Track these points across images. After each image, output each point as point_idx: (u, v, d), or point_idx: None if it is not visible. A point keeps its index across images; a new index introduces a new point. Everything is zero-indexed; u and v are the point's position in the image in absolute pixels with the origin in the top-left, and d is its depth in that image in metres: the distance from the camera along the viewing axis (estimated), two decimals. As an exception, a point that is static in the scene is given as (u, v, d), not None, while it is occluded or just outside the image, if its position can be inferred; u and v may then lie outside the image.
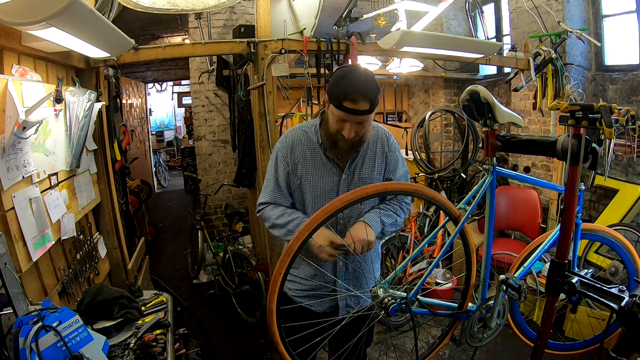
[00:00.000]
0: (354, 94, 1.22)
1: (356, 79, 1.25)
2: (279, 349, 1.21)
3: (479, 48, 2.71)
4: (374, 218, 1.36)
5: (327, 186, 1.41)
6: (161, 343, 1.55)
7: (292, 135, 1.44)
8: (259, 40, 2.35)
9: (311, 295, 1.47)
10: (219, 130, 4.49)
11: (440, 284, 2.93)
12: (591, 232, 1.74)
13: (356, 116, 1.25)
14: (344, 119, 1.27)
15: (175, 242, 5.08)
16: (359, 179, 1.42)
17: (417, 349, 1.43)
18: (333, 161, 1.41)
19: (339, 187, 1.41)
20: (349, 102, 1.23)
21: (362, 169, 1.43)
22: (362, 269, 1.48)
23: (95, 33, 1.52)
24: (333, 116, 1.30)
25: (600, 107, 1.09)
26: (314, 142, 1.41)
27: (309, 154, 1.41)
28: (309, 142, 1.42)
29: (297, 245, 1.12)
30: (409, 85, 5.22)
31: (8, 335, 1.13)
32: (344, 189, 1.40)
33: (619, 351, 2.01)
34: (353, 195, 1.17)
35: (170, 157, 10.71)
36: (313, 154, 1.41)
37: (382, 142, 1.47)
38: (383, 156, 1.46)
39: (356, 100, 1.23)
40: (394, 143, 1.50)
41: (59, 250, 1.71)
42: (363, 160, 1.43)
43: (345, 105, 1.23)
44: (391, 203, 1.45)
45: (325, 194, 1.40)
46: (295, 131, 1.46)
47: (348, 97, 1.22)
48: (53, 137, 1.67)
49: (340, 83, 1.25)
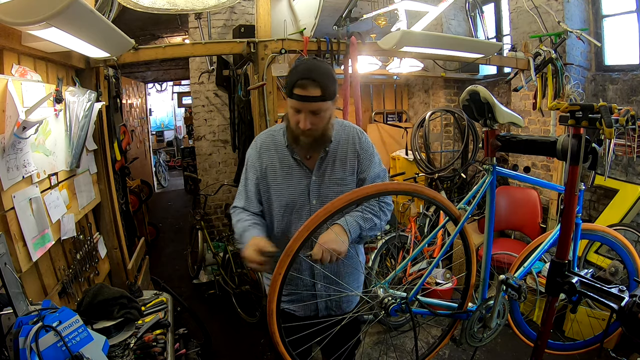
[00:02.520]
0: (302, 80, 1.22)
1: (306, 67, 1.25)
2: (279, 349, 1.21)
3: (479, 48, 2.71)
4: (351, 222, 1.29)
5: (296, 189, 1.37)
6: (161, 343, 1.55)
7: (261, 140, 1.43)
8: (259, 40, 2.35)
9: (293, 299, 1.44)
10: (219, 130, 4.49)
11: (440, 284, 2.93)
12: (591, 232, 1.74)
13: (307, 103, 1.23)
14: (298, 109, 1.25)
15: (175, 242, 5.07)
16: (329, 181, 1.37)
17: (417, 349, 1.43)
18: (301, 163, 1.37)
19: (309, 189, 1.37)
20: (298, 89, 1.22)
21: (334, 169, 1.38)
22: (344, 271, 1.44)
23: (95, 33, 1.52)
24: (289, 109, 1.29)
25: (600, 107, 1.09)
26: (281, 145, 1.39)
27: (276, 158, 1.38)
28: (277, 145, 1.40)
29: (297, 245, 1.12)
30: (409, 85, 5.22)
31: (8, 335, 1.13)
32: (314, 192, 1.37)
33: (619, 351, 2.01)
34: (353, 195, 1.16)
35: (170, 157, 10.71)
36: (281, 158, 1.38)
37: (354, 140, 1.41)
38: (355, 156, 1.40)
39: (305, 86, 1.21)
40: (366, 142, 1.44)
41: (59, 250, 1.71)
42: (334, 161, 1.38)
43: (295, 92, 1.23)
44: (371, 205, 1.38)
45: (296, 197, 1.37)
46: (264, 135, 1.44)
47: (297, 83, 1.22)
48: (53, 137, 1.67)
49: (292, 73, 1.27)
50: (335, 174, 1.38)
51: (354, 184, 1.40)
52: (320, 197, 1.36)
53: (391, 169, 4.74)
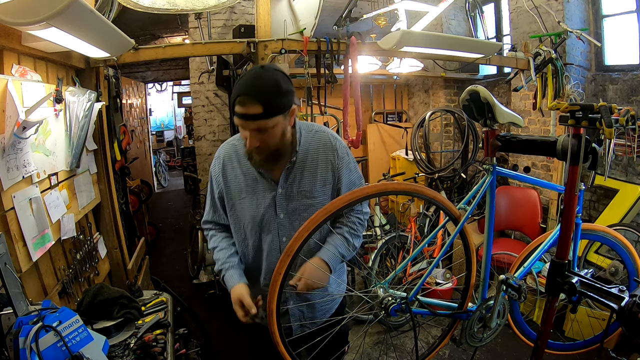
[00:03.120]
0: (241, 97, 1.09)
1: (246, 80, 1.11)
2: (279, 349, 1.21)
3: (479, 48, 2.72)
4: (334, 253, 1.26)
5: (262, 203, 1.27)
6: (161, 343, 1.55)
7: (223, 152, 1.34)
8: (259, 40, 2.35)
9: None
10: (219, 130, 4.49)
11: (440, 284, 2.93)
12: (591, 232, 1.74)
13: (249, 122, 1.11)
14: (242, 127, 1.14)
15: (175, 242, 5.07)
16: (298, 194, 1.27)
17: (417, 349, 1.43)
18: (265, 175, 1.27)
19: (275, 203, 1.27)
20: (238, 106, 1.10)
21: (302, 181, 1.27)
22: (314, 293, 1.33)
23: (95, 33, 1.52)
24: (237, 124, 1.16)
25: (600, 107, 1.09)
26: (244, 156, 1.28)
27: (239, 171, 1.30)
28: (239, 156, 1.30)
29: (296, 246, 1.12)
30: (409, 85, 5.22)
31: (8, 335, 1.13)
32: (281, 205, 1.27)
33: (619, 351, 2.01)
34: (353, 195, 1.17)
35: (170, 157, 10.71)
36: (244, 170, 1.29)
37: (326, 148, 1.29)
38: (328, 166, 1.28)
39: (244, 103, 1.09)
40: (341, 148, 1.31)
41: (59, 250, 1.71)
42: (302, 172, 1.27)
43: (235, 110, 1.11)
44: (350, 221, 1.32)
45: (262, 211, 1.28)
46: (226, 146, 1.35)
47: (237, 100, 1.10)
48: (53, 137, 1.67)
49: (235, 86, 1.13)
50: (303, 185, 1.27)
51: (325, 196, 1.29)
52: (287, 211, 1.27)
53: (391, 169, 4.74)
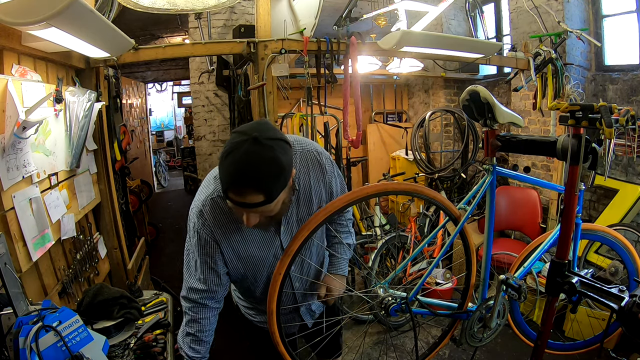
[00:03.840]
0: (236, 186, 0.93)
1: (238, 166, 0.92)
2: (279, 349, 1.21)
3: (479, 48, 2.72)
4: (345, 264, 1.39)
5: (268, 245, 1.19)
6: (161, 343, 1.55)
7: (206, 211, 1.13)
8: (259, 40, 2.35)
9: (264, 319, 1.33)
10: (219, 130, 4.49)
11: (440, 284, 2.93)
12: (591, 232, 1.74)
13: (248, 209, 0.98)
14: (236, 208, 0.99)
15: (175, 242, 5.07)
16: (298, 221, 1.20)
17: (417, 349, 1.43)
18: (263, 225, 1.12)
19: (281, 240, 1.20)
20: (233, 194, 0.95)
21: (299, 208, 1.20)
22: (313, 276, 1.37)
23: (95, 33, 1.52)
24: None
25: (600, 107, 1.09)
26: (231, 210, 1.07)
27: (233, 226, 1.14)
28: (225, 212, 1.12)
29: (296, 246, 1.12)
30: (409, 85, 5.22)
31: (8, 335, 1.13)
32: (286, 240, 1.20)
33: (619, 351, 2.01)
34: (353, 195, 1.17)
35: (170, 157, 10.71)
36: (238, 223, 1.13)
37: (315, 169, 1.21)
38: (320, 185, 1.22)
39: (241, 193, 0.94)
40: (327, 162, 1.24)
41: (59, 250, 1.71)
42: (298, 201, 1.19)
43: (230, 196, 0.95)
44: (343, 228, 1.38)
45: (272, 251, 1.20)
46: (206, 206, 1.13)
47: (231, 188, 0.94)
48: (53, 137, 1.67)
49: (224, 165, 0.94)
50: (301, 213, 1.20)
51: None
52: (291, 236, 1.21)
53: (391, 169, 4.74)
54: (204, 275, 1.17)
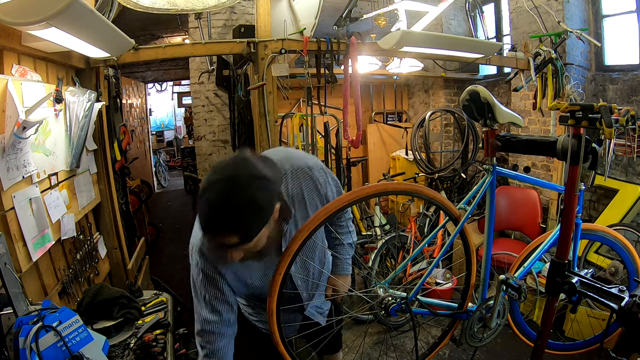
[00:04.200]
0: (210, 229, 0.92)
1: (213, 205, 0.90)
2: (279, 349, 1.21)
3: (479, 48, 2.72)
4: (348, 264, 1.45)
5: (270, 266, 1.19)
6: (161, 343, 1.55)
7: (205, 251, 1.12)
8: (259, 40, 2.35)
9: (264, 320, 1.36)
10: (219, 130, 4.49)
11: (440, 284, 2.93)
12: (591, 232, 1.74)
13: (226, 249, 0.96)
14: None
15: (175, 242, 5.07)
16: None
17: (417, 349, 1.43)
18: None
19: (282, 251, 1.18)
20: (209, 238, 0.96)
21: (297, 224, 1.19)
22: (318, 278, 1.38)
23: (95, 33, 1.52)
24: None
25: (600, 107, 1.09)
26: None
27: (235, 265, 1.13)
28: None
29: (297, 246, 1.12)
30: (409, 85, 5.22)
31: (8, 335, 1.13)
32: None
33: (619, 351, 2.01)
34: (353, 195, 1.17)
35: (170, 157, 10.71)
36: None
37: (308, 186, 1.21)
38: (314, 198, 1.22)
39: (215, 235, 0.93)
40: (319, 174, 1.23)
41: (59, 250, 1.71)
42: (295, 221, 1.19)
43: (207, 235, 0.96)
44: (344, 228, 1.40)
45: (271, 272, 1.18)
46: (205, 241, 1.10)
47: (206, 231, 0.94)
48: (53, 137, 1.67)
49: (199, 205, 0.92)
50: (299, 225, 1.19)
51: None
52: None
53: (391, 169, 4.74)
54: (215, 306, 1.15)
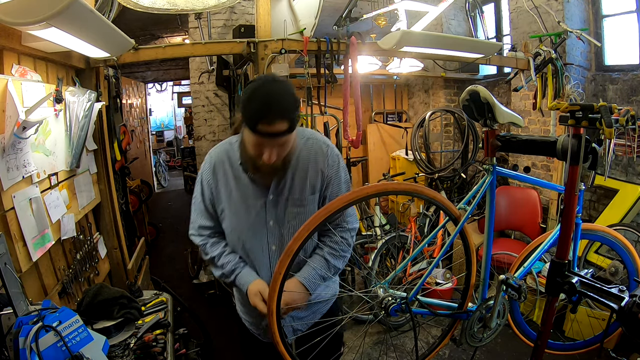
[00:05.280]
0: (267, 116, 1.05)
1: (269, 95, 1.07)
2: (279, 349, 1.21)
3: (479, 48, 2.72)
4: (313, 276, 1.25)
5: (253, 209, 1.26)
6: (161, 343, 1.55)
7: (215, 155, 1.31)
8: (259, 40, 2.35)
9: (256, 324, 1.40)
10: (219, 130, 4.49)
11: (440, 284, 2.93)
12: (591, 232, 1.74)
13: (276, 139, 1.09)
14: (261, 143, 1.11)
15: (175, 242, 5.07)
16: (288, 201, 1.26)
17: (417, 349, 1.43)
18: (257, 182, 1.25)
19: (266, 209, 1.26)
20: (263, 125, 1.06)
21: (292, 188, 1.25)
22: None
23: (95, 33, 1.52)
24: (249, 139, 1.12)
25: (600, 107, 1.09)
26: (236, 160, 1.26)
27: (231, 175, 1.27)
28: (232, 161, 1.28)
29: (296, 246, 1.12)
30: (409, 85, 5.22)
31: (8, 335, 1.13)
32: (271, 212, 1.26)
33: (619, 351, 2.01)
34: (353, 195, 1.16)
35: (170, 157, 10.71)
36: (236, 175, 1.27)
37: (317, 157, 1.27)
38: (317, 174, 1.27)
39: (272, 122, 1.05)
40: (333, 156, 1.29)
41: (59, 250, 1.71)
42: (292, 179, 1.25)
43: (259, 129, 1.06)
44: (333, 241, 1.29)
45: (252, 217, 1.26)
46: (217, 150, 1.32)
47: (261, 119, 1.05)
48: (53, 137, 1.67)
49: (252, 101, 1.08)
50: (293, 192, 1.26)
51: (314, 204, 1.28)
52: (277, 219, 1.26)
53: (391, 169, 4.74)
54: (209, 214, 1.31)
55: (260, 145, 1.11)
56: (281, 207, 1.26)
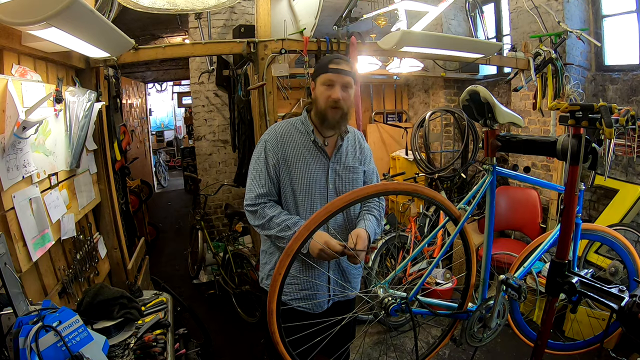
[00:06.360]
0: (336, 59, 1.46)
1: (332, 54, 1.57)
2: (279, 348, 1.21)
3: (479, 48, 2.71)
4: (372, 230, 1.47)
5: (316, 173, 1.48)
6: (161, 343, 1.55)
7: (280, 127, 1.53)
8: (259, 40, 2.35)
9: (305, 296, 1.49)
10: (219, 130, 4.49)
11: (440, 284, 2.93)
12: (591, 232, 1.74)
13: (341, 76, 1.43)
14: (331, 82, 1.43)
15: (175, 242, 5.08)
16: (345, 168, 1.53)
17: (417, 349, 1.43)
18: (321, 149, 1.50)
19: (328, 174, 1.49)
20: (333, 64, 1.43)
21: (347, 158, 1.54)
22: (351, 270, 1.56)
23: (95, 33, 1.52)
24: (321, 87, 1.45)
25: (600, 107, 1.09)
26: (302, 132, 1.51)
27: (299, 142, 1.49)
28: (298, 132, 1.51)
29: (296, 246, 1.12)
30: (409, 85, 5.22)
31: (8, 335, 1.13)
32: (332, 177, 1.50)
33: (619, 351, 2.01)
34: (353, 195, 1.17)
35: (170, 157, 10.71)
36: (302, 143, 1.50)
37: (357, 137, 1.63)
38: (360, 149, 1.61)
39: (339, 62, 1.44)
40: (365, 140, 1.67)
41: (59, 250, 1.71)
42: (347, 151, 1.55)
43: (330, 67, 1.43)
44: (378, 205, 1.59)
45: (315, 180, 1.48)
46: (282, 124, 1.56)
47: (332, 61, 1.44)
48: (53, 137, 1.67)
49: (323, 59, 1.51)
50: (349, 161, 1.54)
51: (362, 174, 1.58)
52: (335, 184, 1.50)
53: (391, 169, 4.74)
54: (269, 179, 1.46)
55: (331, 85, 1.43)
56: (340, 172, 1.52)
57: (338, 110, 1.44)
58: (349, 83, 1.45)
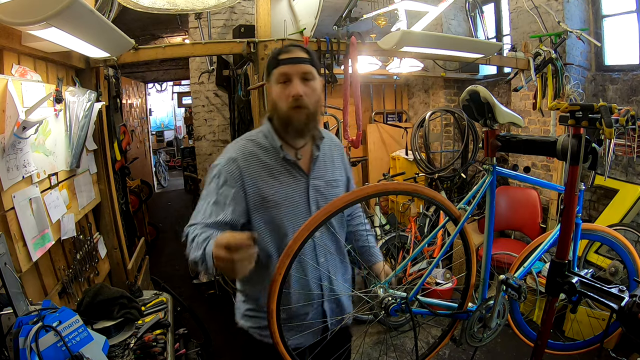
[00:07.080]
0: (286, 48, 1.19)
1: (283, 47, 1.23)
2: (279, 349, 1.21)
3: (479, 48, 2.72)
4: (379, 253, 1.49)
5: (294, 196, 1.21)
6: (161, 343, 1.55)
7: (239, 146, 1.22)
8: (259, 40, 2.35)
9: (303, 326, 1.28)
10: (219, 130, 4.49)
11: (440, 284, 2.93)
12: (591, 232, 1.74)
13: (297, 65, 1.16)
14: (286, 76, 1.15)
15: (175, 242, 5.06)
16: (327, 183, 1.27)
17: (417, 349, 1.43)
18: (294, 165, 1.22)
19: (309, 194, 1.23)
20: (284, 54, 1.17)
21: (326, 171, 1.29)
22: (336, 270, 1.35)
23: (95, 33, 1.52)
24: (276, 86, 1.18)
25: (600, 107, 1.09)
26: (267, 149, 1.21)
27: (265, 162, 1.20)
28: (262, 150, 1.21)
29: (296, 246, 1.12)
30: (409, 85, 5.22)
31: (8, 335, 1.13)
32: (314, 198, 1.24)
33: (619, 351, 2.01)
34: (353, 195, 1.16)
35: (170, 157, 10.71)
36: (271, 163, 1.20)
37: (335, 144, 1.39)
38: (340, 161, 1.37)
39: (290, 50, 1.18)
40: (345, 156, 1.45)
41: (59, 250, 1.71)
42: (324, 162, 1.29)
43: (281, 57, 1.16)
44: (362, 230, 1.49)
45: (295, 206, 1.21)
46: (241, 142, 1.24)
47: (282, 52, 1.17)
48: (53, 137, 1.67)
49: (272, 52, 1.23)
50: (328, 174, 1.29)
51: (344, 184, 1.35)
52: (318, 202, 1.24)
53: (391, 169, 4.74)
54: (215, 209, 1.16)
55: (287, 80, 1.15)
56: (323, 191, 1.26)
57: (302, 110, 1.16)
58: (309, 73, 1.17)
